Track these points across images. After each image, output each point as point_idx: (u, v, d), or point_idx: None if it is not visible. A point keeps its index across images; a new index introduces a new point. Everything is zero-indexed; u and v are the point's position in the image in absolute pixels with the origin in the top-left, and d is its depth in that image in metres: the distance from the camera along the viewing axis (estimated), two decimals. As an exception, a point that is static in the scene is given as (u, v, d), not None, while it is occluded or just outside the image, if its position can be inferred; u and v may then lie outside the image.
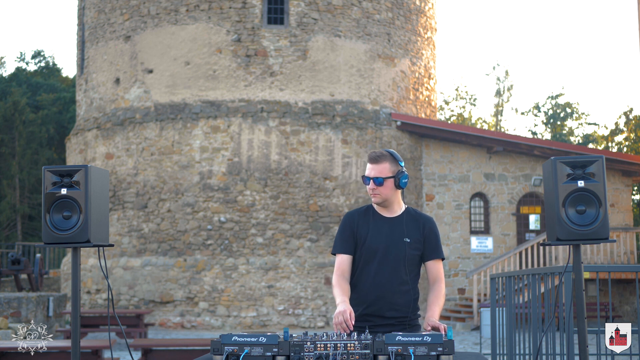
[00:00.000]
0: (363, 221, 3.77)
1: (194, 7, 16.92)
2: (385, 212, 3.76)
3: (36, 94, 34.58)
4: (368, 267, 3.72)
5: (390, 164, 3.67)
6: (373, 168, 3.67)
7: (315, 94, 16.96)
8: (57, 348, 7.77)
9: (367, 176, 3.68)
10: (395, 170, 3.68)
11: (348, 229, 3.77)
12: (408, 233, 3.71)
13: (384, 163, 3.66)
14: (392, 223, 3.74)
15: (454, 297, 18.26)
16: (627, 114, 35.62)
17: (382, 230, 3.72)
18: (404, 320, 3.70)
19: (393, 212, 3.76)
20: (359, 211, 3.82)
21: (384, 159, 3.67)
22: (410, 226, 3.73)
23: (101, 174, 3.43)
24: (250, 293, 16.12)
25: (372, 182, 3.66)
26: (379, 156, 3.67)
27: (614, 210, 18.75)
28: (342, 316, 3.36)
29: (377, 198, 3.70)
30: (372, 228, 3.73)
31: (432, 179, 18.50)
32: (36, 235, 31.23)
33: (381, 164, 3.66)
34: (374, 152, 3.70)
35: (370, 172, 3.68)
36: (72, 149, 19.15)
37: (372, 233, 3.72)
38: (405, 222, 3.73)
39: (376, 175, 3.66)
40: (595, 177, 3.27)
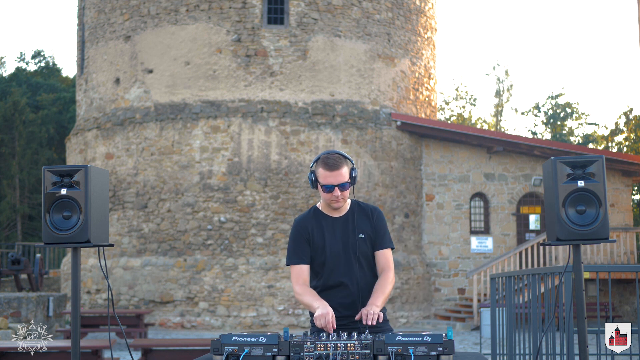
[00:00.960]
0: (315, 226, 3.67)
1: (194, 7, 16.92)
2: (335, 212, 3.68)
3: (36, 94, 34.58)
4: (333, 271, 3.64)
5: (346, 166, 3.58)
6: (335, 174, 3.52)
7: (315, 94, 16.95)
8: (57, 348, 7.77)
9: (330, 184, 3.53)
10: (350, 170, 3.60)
11: (301, 237, 3.66)
12: (361, 229, 3.64)
13: (342, 167, 3.55)
14: (343, 222, 3.67)
15: (454, 297, 18.26)
16: (627, 114, 35.62)
17: (337, 232, 3.65)
18: None
19: (342, 210, 3.68)
20: (306, 216, 3.71)
21: (341, 163, 3.55)
22: (361, 221, 3.66)
23: (101, 174, 3.43)
24: (250, 293, 16.12)
25: (337, 189, 3.54)
26: (337, 161, 3.54)
27: (614, 210, 18.76)
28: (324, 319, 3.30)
29: (341, 203, 3.61)
30: (326, 232, 3.65)
31: (432, 179, 18.50)
32: (36, 235, 31.23)
33: (342, 169, 3.55)
34: (330, 158, 3.55)
35: (332, 179, 3.53)
36: (72, 149, 19.15)
37: (329, 237, 3.64)
38: (357, 218, 3.66)
39: (340, 181, 3.53)
40: (595, 177, 3.27)
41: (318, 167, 3.59)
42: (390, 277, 3.63)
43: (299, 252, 3.65)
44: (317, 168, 3.59)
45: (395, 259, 17.26)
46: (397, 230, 17.54)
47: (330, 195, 3.58)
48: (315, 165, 3.62)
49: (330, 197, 3.58)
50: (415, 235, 18.08)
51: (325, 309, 3.35)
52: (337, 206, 3.63)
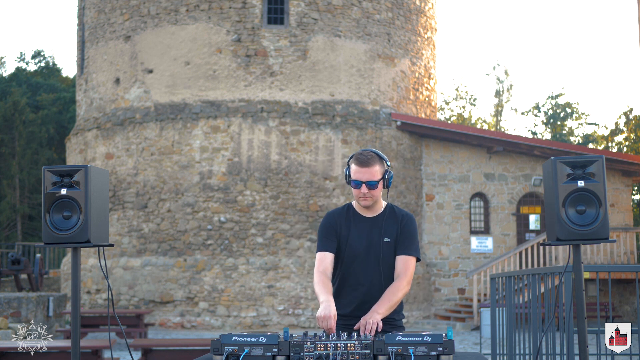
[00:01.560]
0: (344, 222, 3.68)
1: (194, 7, 16.92)
2: (367, 212, 3.68)
3: (36, 94, 34.58)
4: (350, 269, 3.66)
5: (379, 165, 3.58)
6: (365, 171, 3.54)
7: (315, 94, 16.96)
8: (57, 348, 7.77)
9: (358, 180, 3.54)
10: (383, 171, 3.60)
11: (330, 228, 3.66)
12: (387, 232, 3.63)
13: (375, 165, 3.55)
14: (372, 223, 3.66)
15: (454, 297, 18.26)
16: (627, 114, 35.62)
17: (363, 232, 3.64)
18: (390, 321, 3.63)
19: (374, 211, 3.68)
20: (339, 211, 3.72)
21: (374, 161, 3.56)
22: (389, 225, 3.65)
23: (101, 174, 3.43)
24: (250, 293, 16.12)
25: (365, 186, 3.54)
26: (369, 158, 3.55)
27: (614, 210, 18.76)
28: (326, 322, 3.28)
29: (368, 201, 3.60)
30: (352, 229, 3.65)
31: (432, 179, 18.50)
32: (36, 235, 31.24)
33: (373, 167, 3.55)
34: (363, 154, 3.57)
35: (361, 175, 3.54)
36: (72, 149, 19.15)
37: (353, 235, 3.64)
38: (385, 221, 3.65)
39: (369, 179, 3.53)
40: (595, 177, 3.27)
41: (351, 162, 3.60)
42: (403, 284, 3.55)
43: (325, 241, 3.64)
44: (351, 164, 3.60)
45: (395, 259, 17.24)
46: (397, 230, 17.52)
47: (358, 192, 3.57)
48: (350, 161, 3.63)
49: (358, 193, 3.58)
50: (415, 235, 18.06)
51: (327, 309, 3.32)
52: (364, 204, 3.61)
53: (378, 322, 3.33)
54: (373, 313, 3.42)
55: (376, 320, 3.34)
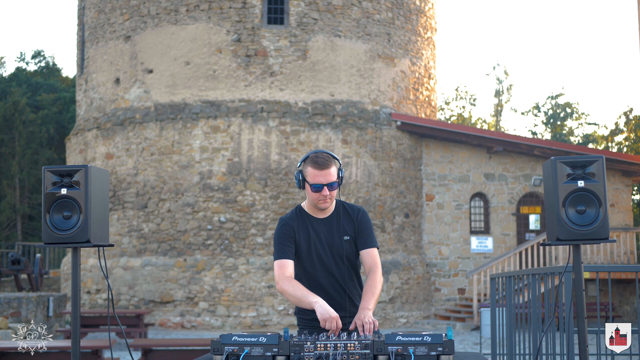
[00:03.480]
0: (300, 226, 3.64)
1: (194, 7, 16.92)
2: (320, 213, 3.65)
3: (36, 94, 34.58)
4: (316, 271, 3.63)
5: (335, 166, 3.56)
6: (325, 174, 3.50)
7: (315, 94, 16.95)
8: (57, 348, 7.77)
9: (319, 183, 3.50)
10: (337, 170, 3.58)
11: (287, 235, 3.61)
12: (345, 230, 3.61)
13: (332, 166, 3.53)
14: (328, 223, 3.64)
15: (454, 297, 18.26)
16: (627, 114, 35.62)
17: (322, 233, 3.62)
18: None
19: (326, 212, 3.65)
20: (292, 216, 3.67)
21: (330, 163, 3.53)
22: (345, 222, 3.63)
23: (101, 174, 3.43)
24: (250, 293, 16.12)
25: (326, 188, 3.51)
26: (327, 160, 3.51)
27: (614, 210, 18.75)
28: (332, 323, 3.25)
29: (328, 203, 3.58)
30: (310, 232, 3.63)
31: (432, 179, 18.49)
32: (36, 235, 31.23)
33: (330, 168, 3.52)
34: (320, 157, 3.52)
35: (321, 178, 3.50)
36: (72, 149, 19.15)
37: (313, 237, 3.62)
38: (342, 219, 3.63)
39: (329, 180, 3.51)
40: (595, 177, 3.27)
41: (307, 166, 3.55)
42: (378, 276, 3.56)
43: (284, 248, 3.58)
44: (306, 167, 3.55)
45: (395, 259, 17.26)
46: (397, 230, 17.54)
47: (318, 195, 3.54)
48: (304, 164, 3.58)
49: (318, 196, 3.55)
50: (415, 235, 18.08)
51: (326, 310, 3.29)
52: (324, 206, 3.59)
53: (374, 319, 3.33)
54: (364, 310, 3.38)
55: (371, 317, 3.33)
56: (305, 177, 3.55)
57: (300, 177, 3.58)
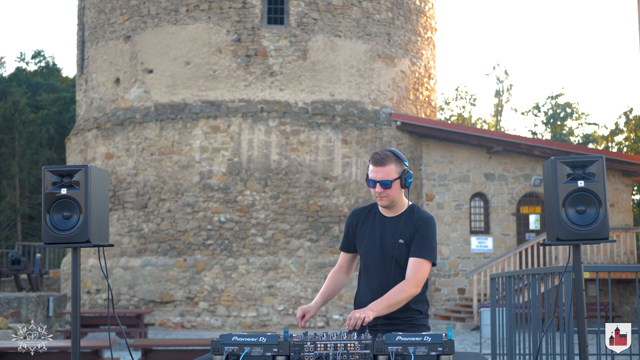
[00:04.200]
0: (365, 221, 3.71)
1: (194, 7, 16.92)
2: (388, 212, 3.66)
3: (36, 94, 34.58)
4: (367, 269, 3.69)
5: (395, 165, 3.54)
6: (379, 170, 3.52)
7: (315, 94, 16.95)
8: (57, 348, 7.77)
9: (373, 179, 3.54)
10: (400, 170, 3.55)
11: (348, 228, 3.76)
12: (403, 234, 3.59)
13: (389, 165, 3.52)
14: (390, 223, 3.65)
15: (454, 297, 18.26)
16: (627, 114, 35.62)
17: (379, 232, 3.65)
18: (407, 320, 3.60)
19: (395, 211, 3.65)
20: (363, 210, 3.74)
21: (389, 161, 3.53)
22: (405, 226, 3.61)
23: (101, 174, 3.43)
24: (250, 293, 16.12)
25: (379, 185, 3.53)
26: (384, 158, 3.53)
27: (614, 210, 18.75)
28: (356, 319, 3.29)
29: (384, 201, 3.58)
30: (371, 229, 3.67)
31: (432, 179, 18.49)
32: (36, 235, 31.23)
33: (387, 166, 3.52)
34: (378, 153, 3.55)
35: (375, 174, 3.53)
36: (72, 149, 19.15)
37: (371, 234, 3.66)
38: (403, 222, 3.61)
39: (383, 178, 3.51)
40: (595, 177, 3.27)
41: (369, 162, 3.62)
42: (408, 285, 3.48)
43: (344, 241, 3.82)
44: (369, 163, 3.63)
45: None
46: (397, 230, 17.52)
47: (374, 191, 3.58)
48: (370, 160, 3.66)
49: (374, 192, 3.59)
50: (415, 235, 18.06)
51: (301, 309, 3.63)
52: (381, 204, 3.62)
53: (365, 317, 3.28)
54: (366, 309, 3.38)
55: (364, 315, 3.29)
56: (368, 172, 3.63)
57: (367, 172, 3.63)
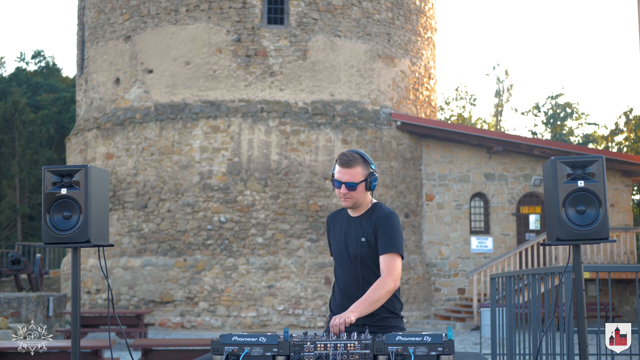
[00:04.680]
0: (336, 224, 3.77)
1: (194, 7, 16.92)
2: (353, 212, 3.71)
3: (36, 94, 34.58)
4: (337, 269, 3.74)
5: (362, 167, 3.58)
6: (345, 172, 3.55)
7: (315, 94, 16.95)
8: (57, 348, 7.77)
9: (339, 180, 3.57)
10: (366, 173, 3.59)
11: (327, 231, 3.84)
12: (364, 232, 3.62)
13: (356, 167, 3.56)
14: (354, 223, 3.69)
15: (454, 297, 18.26)
16: (627, 114, 35.62)
17: (344, 233, 3.68)
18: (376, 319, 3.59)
19: (359, 211, 3.69)
20: (336, 213, 3.80)
21: (356, 163, 3.57)
22: (366, 224, 3.64)
23: (101, 174, 3.43)
24: (250, 293, 16.12)
25: (345, 186, 3.56)
26: (351, 160, 3.56)
27: (614, 210, 18.75)
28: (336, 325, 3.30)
29: (348, 202, 3.62)
30: (338, 231, 3.72)
31: (432, 179, 18.49)
32: (36, 235, 31.23)
33: (354, 168, 3.56)
34: (346, 155, 3.58)
35: (342, 176, 3.56)
36: (72, 149, 19.15)
37: (337, 236, 3.71)
38: (366, 221, 3.65)
39: (349, 180, 3.55)
40: (595, 177, 3.27)
41: (336, 162, 3.65)
42: (385, 281, 3.49)
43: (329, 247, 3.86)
44: (335, 164, 3.66)
45: (395, 259, 17.22)
46: (397, 230, 17.51)
47: (338, 192, 3.62)
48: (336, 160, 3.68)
49: (338, 193, 3.63)
50: (415, 235, 18.08)
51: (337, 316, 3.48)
52: (345, 205, 3.66)
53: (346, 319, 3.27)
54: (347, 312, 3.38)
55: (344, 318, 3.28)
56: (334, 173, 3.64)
57: (332, 173, 3.66)
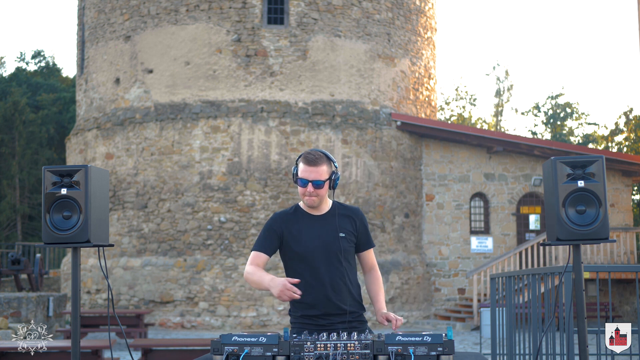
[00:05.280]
0: (294, 222, 3.71)
1: (194, 7, 16.92)
2: (315, 211, 3.73)
3: (36, 94, 34.58)
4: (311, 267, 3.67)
5: (327, 165, 3.63)
6: (312, 171, 3.59)
7: (315, 94, 16.95)
8: (57, 348, 7.77)
9: (305, 179, 3.60)
10: (330, 171, 3.65)
11: (272, 230, 3.70)
12: (341, 228, 3.69)
13: (322, 165, 3.61)
14: (324, 220, 3.71)
15: (454, 297, 18.26)
16: (627, 114, 35.62)
17: (316, 230, 3.69)
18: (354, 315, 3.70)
19: (321, 210, 3.73)
20: (287, 212, 3.76)
21: (322, 161, 3.61)
22: (343, 221, 3.71)
23: (101, 174, 3.43)
24: (250, 293, 16.12)
25: (311, 185, 3.59)
26: (317, 158, 3.60)
27: (614, 210, 18.75)
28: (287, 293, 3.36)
29: (314, 201, 3.64)
30: (304, 229, 3.69)
31: (432, 179, 18.49)
32: (36, 235, 31.23)
33: (320, 167, 3.60)
34: (311, 154, 3.62)
35: (308, 174, 3.59)
36: (72, 149, 19.15)
37: (307, 233, 3.67)
38: (338, 217, 3.71)
39: (315, 178, 3.59)
40: (595, 177, 3.27)
41: (300, 161, 3.65)
42: (380, 275, 3.88)
43: (264, 242, 3.69)
44: (299, 162, 3.65)
45: (395, 259, 17.26)
46: (397, 230, 17.53)
47: (304, 190, 3.62)
48: (299, 159, 3.67)
49: (304, 192, 3.63)
50: (415, 235, 18.08)
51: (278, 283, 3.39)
52: (310, 203, 3.66)
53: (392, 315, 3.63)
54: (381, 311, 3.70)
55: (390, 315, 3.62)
56: (298, 171, 3.65)
57: (295, 171, 3.68)
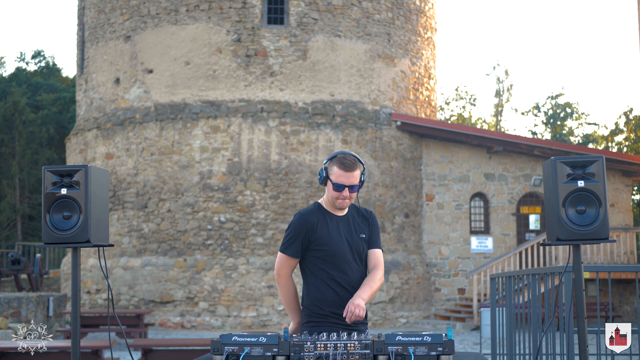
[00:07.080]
0: (321, 221, 3.71)
1: (194, 7, 16.92)
2: (337, 211, 3.76)
3: (36, 94, 34.58)
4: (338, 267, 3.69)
5: (359, 170, 3.66)
6: (349, 176, 3.60)
7: (315, 94, 16.95)
8: (57, 348, 7.77)
9: (342, 184, 3.60)
10: (360, 174, 3.68)
11: (303, 231, 3.69)
12: (361, 229, 3.77)
13: (357, 170, 3.64)
14: (346, 221, 3.75)
15: (454, 297, 18.26)
16: (627, 114, 35.61)
17: (341, 230, 3.73)
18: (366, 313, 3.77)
19: (344, 210, 3.78)
20: (312, 210, 3.74)
21: (356, 166, 3.64)
22: (361, 222, 3.79)
23: (101, 174, 3.43)
24: (250, 293, 16.12)
25: (348, 189, 3.61)
26: (353, 163, 3.62)
27: (614, 210, 18.75)
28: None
29: (347, 203, 3.69)
30: (332, 228, 3.71)
31: (432, 179, 18.49)
32: (36, 235, 31.23)
33: (355, 171, 3.63)
34: (347, 159, 3.62)
35: (345, 179, 3.59)
36: (72, 149, 19.15)
37: (334, 233, 3.69)
38: (357, 218, 3.78)
39: (352, 183, 3.61)
40: (595, 177, 3.27)
41: (333, 165, 3.64)
42: (381, 274, 3.75)
43: (295, 246, 3.69)
44: (332, 166, 3.64)
45: (395, 259, 17.26)
46: (397, 230, 17.53)
47: (338, 194, 3.64)
48: (330, 162, 3.66)
49: (338, 196, 3.64)
50: (415, 235, 18.08)
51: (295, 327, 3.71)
52: (342, 206, 3.69)
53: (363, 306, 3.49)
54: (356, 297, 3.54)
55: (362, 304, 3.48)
56: (330, 175, 3.65)
57: (324, 174, 3.67)
